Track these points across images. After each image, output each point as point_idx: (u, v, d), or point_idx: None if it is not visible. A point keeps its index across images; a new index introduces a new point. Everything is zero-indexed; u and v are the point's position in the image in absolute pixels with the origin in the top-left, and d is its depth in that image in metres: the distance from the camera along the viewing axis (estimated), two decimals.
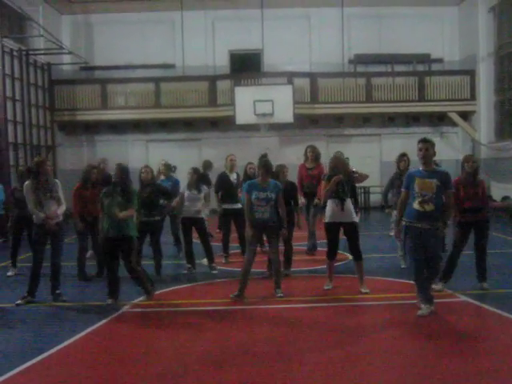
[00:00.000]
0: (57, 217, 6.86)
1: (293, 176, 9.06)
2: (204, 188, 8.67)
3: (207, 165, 11.57)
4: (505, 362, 4.55)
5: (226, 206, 9.38)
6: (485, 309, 6.14)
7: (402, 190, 6.11)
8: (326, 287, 7.06)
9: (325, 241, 7.26)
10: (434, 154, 5.94)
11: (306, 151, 10.08)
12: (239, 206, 9.07)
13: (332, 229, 6.99)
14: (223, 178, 9.54)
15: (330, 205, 6.94)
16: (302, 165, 10.06)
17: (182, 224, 8.66)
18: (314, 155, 9.90)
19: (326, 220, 7.04)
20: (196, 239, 8.63)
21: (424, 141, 5.90)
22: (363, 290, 6.93)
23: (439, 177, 5.82)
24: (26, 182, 6.94)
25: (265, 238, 7.45)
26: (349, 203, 6.92)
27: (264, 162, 6.80)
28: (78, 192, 8.22)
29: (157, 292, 7.11)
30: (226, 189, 9.44)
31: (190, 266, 8.51)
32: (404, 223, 5.98)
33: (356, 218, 7.03)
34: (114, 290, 6.66)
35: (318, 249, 9.70)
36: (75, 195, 8.22)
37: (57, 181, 7.12)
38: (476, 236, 6.93)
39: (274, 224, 6.75)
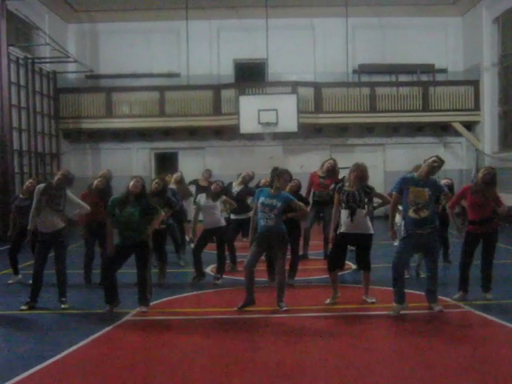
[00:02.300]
0: (53, 226, 6.85)
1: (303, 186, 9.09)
2: (222, 197, 8.61)
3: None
4: (505, 372, 4.53)
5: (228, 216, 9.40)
6: (488, 319, 6.10)
7: (394, 193, 6.46)
8: (327, 301, 6.85)
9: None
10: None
11: (325, 161, 10.06)
12: (241, 216, 9.17)
13: (342, 240, 6.83)
14: (227, 188, 9.59)
15: (342, 215, 6.82)
16: (314, 173, 10.07)
17: (202, 234, 8.45)
18: (331, 167, 9.87)
19: (339, 230, 6.87)
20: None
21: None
22: (369, 300, 6.89)
23: (430, 186, 6.20)
24: (39, 185, 6.99)
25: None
26: (360, 214, 6.72)
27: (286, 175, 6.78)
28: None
29: (160, 300, 7.11)
30: None
31: (198, 274, 8.42)
32: (405, 231, 6.34)
33: (371, 230, 6.85)
34: (114, 297, 6.62)
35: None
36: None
37: (67, 192, 7.01)
38: (483, 246, 6.89)
39: (280, 233, 6.58)
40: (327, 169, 9.89)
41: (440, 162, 6.28)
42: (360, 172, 6.77)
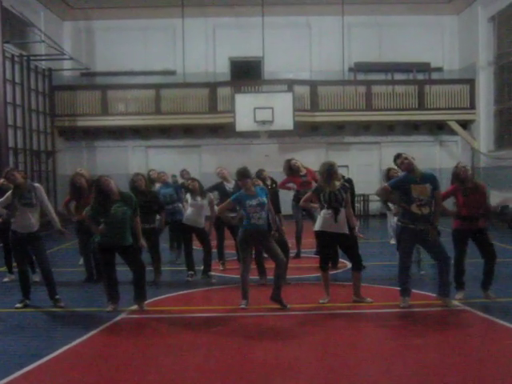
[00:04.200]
0: (29, 227, 6.80)
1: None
2: (209, 195, 8.63)
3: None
4: (501, 371, 4.54)
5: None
6: (484, 318, 6.11)
7: (388, 186, 6.50)
8: (321, 301, 6.79)
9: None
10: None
11: (289, 165, 9.92)
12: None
13: (322, 238, 6.77)
14: (219, 187, 9.56)
15: (322, 214, 6.71)
16: (290, 177, 10.00)
17: (181, 230, 8.64)
18: (300, 163, 9.93)
19: (316, 228, 6.79)
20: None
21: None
22: (369, 300, 6.77)
23: (429, 180, 6.31)
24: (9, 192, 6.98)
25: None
26: (343, 214, 6.64)
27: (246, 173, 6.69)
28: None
29: (155, 298, 7.11)
30: (221, 197, 9.43)
31: (192, 272, 8.43)
32: (400, 224, 6.45)
33: (346, 229, 6.69)
34: (114, 295, 6.60)
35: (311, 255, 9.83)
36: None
37: (36, 185, 6.98)
38: (477, 246, 6.82)
39: (266, 231, 6.62)
40: (301, 166, 9.91)
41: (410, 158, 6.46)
42: (325, 172, 6.68)
